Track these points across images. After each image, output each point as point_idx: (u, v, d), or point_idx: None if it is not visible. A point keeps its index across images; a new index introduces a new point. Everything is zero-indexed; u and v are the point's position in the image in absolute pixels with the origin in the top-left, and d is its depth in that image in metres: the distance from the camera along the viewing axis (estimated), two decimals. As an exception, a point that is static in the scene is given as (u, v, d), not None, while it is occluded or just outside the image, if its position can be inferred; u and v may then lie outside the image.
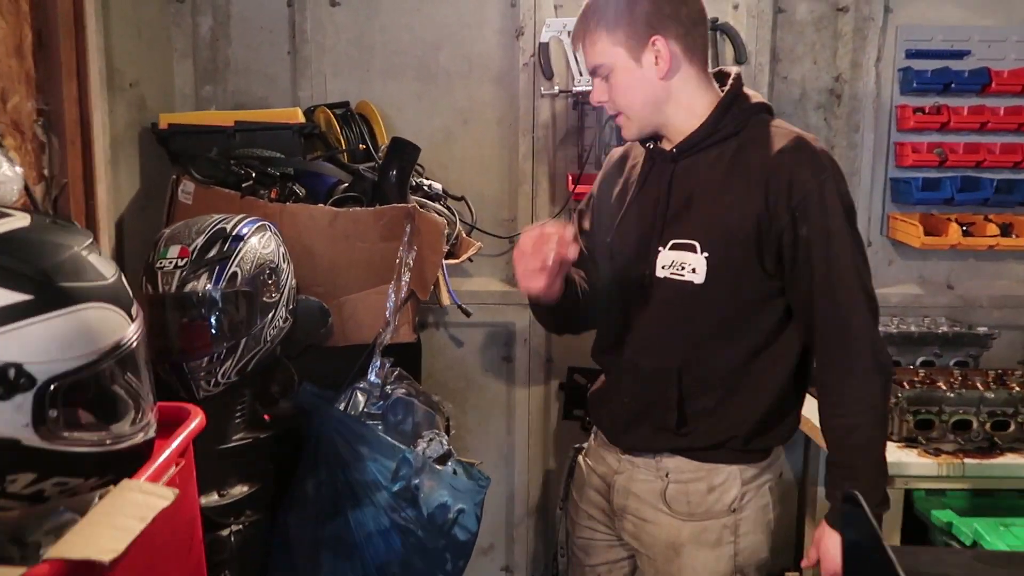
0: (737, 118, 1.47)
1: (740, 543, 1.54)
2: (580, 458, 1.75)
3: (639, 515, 1.59)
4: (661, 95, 1.47)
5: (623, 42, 1.44)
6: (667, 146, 1.51)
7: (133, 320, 0.93)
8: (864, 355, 1.42)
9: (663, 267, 1.48)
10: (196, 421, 1.16)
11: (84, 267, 0.89)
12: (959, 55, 2.50)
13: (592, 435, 1.74)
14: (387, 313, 1.93)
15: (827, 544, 1.48)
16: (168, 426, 1.12)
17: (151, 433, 0.99)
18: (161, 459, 1.01)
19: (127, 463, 0.97)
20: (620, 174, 1.63)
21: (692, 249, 1.45)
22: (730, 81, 1.50)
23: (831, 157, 1.45)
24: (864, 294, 1.42)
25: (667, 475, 1.55)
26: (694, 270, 1.44)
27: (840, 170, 1.45)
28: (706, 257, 1.43)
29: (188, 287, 1.57)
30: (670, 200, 1.49)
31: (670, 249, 1.47)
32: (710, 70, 1.52)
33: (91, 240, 0.91)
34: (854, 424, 1.43)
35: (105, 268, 0.92)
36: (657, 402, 1.52)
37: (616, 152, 1.70)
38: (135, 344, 0.94)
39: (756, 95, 1.52)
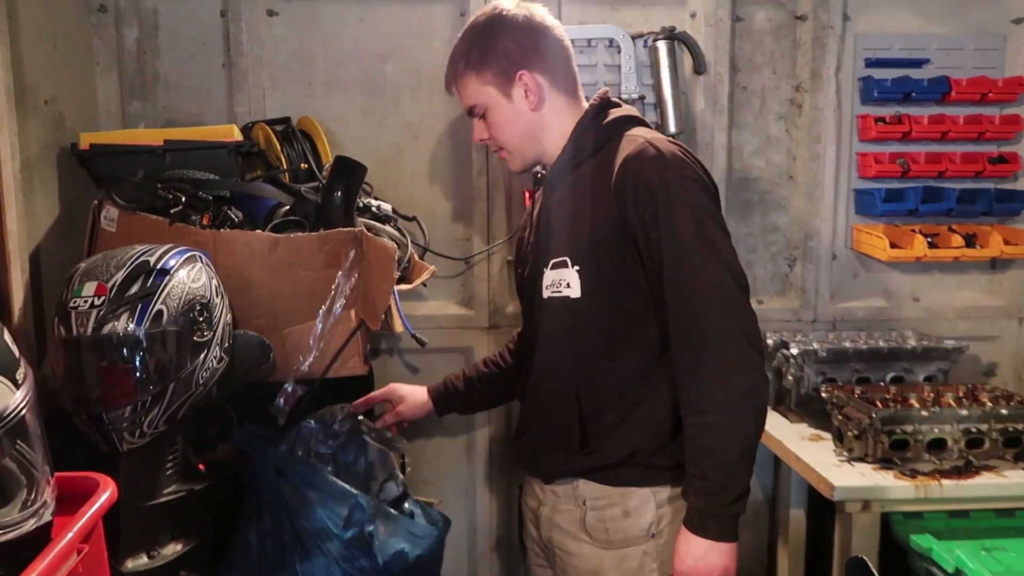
0: (597, 135, 1.52)
1: (664, 569, 1.50)
2: (521, 498, 1.77)
3: (563, 547, 1.60)
4: (536, 125, 1.55)
5: (491, 80, 1.53)
6: (549, 172, 1.60)
7: (19, 385, 0.78)
8: (717, 354, 1.38)
9: (547, 287, 1.54)
10: (106, 495, 1.00)
11: (-50, 329, 0.74)
12: (918, 63, 2.47)
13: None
14: (310, 339, 1.79)
15: (680, 545, 1.43)
16: (73, 501, 0.96)
17: (46, 516, 0.84)
18: (60, 546, 0.85)
19: (15, 555, 0.81)
20: (534, 210, 1.72)
21: (565, 265, 1.50)
22: (591, 101, 1.57)
23: (680, 157, 1.45)
24: (718, 292, 1.39)
25: (584, 502, 1.56)
26: (569, 284, 1.50)
27: (691, 169, 1.44)
28: (577, 270, 1.48)
29: (106, 328, 1.40)
30: (550, 223, 1.57)
31: (551, 269, 1.53)
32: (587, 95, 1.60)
33: (-38, 294, 0.76)
34: (705, 424, 1.39)
35: (-20, 327, 0.77)
36: (561, 424, 1.55)
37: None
38: (23, 413, 0.79)
39: (622, 109, 1.57)
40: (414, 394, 1.95)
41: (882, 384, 2.27)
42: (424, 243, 2.34)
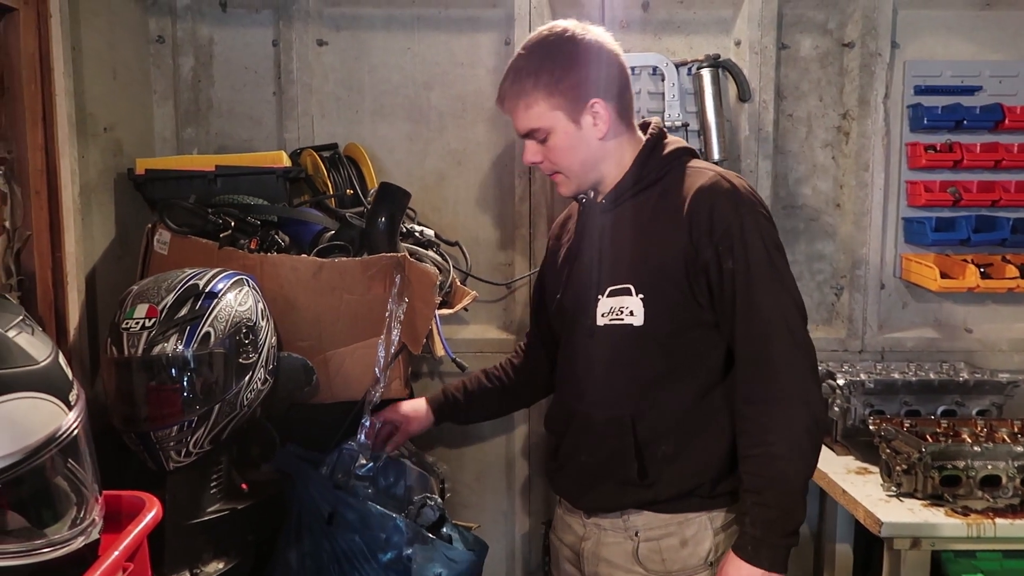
0: (658, 165, 1.52)
1: None
2: (551, 534, 1.73)
3: None
4: (599, 154, 1.53)
5: (562, 106, 1.49)
6: (598, 199, 1.57)
7: (72, 407, 0.81)
8: (784, 386, 1.39)
9: (603, 315, 1.50)
10: (151, 514, 1.02)
11: (8, 351, 0.77)
12: (970, 91, 2.42)
13: (557, 505, 1.72)
14: (376, 370, 1.81)
15: (728, 568, 1.42)
16: (120, 519, 0.98)
17: (94, 534, 0.87)
18: (106, 564, 0.88)
19: (64, 572, 0.83)
20: (564, 235, 1.71)
21: (627, 292, 1.48)
22: (649, 131, 1.56)
23: (751, 192, 1.49)
24: (786, 325, 1.42)
25: (636, 534, 1.52)
26: (632, 312, 1.47)
27: (762, 206, 1.48)
28: (641, 298, 1.46)
29: (156, 350, 1.44)
30: (604, 249, 1.54)
31: (608, 296, 1.50)
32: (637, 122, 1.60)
33: (20, 317, 0.79)
34: (769, 454, 1.39)
35: (37, 350, 0.80)
36: (615, 454, 1.51)
37: (561, 216, 1.78)
38: (75, 432, 0.82)
39: (675, 141, 1.57)
40: (416, 410, 1.89)
41: (932, 417, 2.20)
42: (466, 268, 2.35)
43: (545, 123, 1.50)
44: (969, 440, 2.01)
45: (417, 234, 2.12)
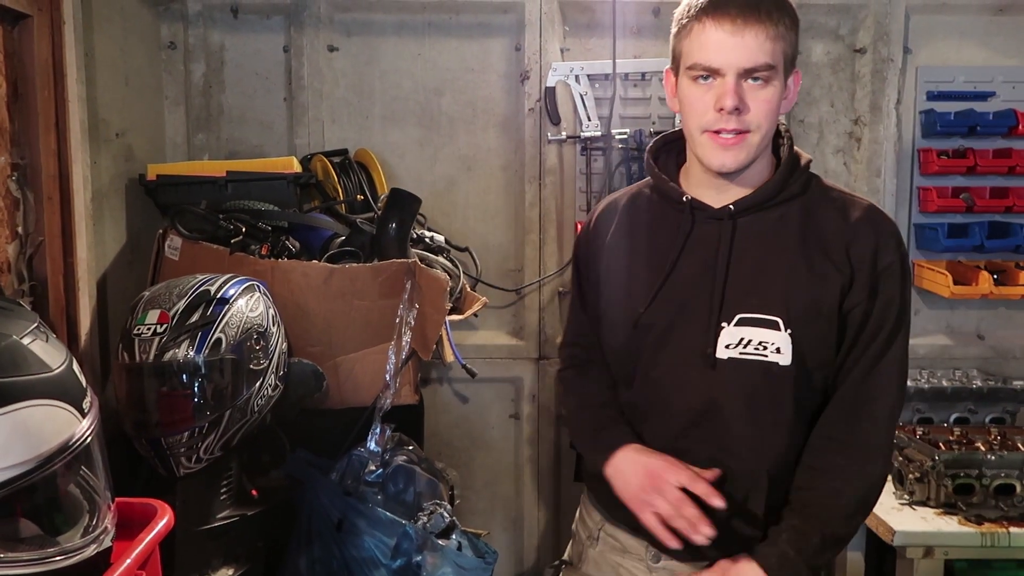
0: (802, 178, 1.30)
1: None
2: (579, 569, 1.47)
3: None
4: (773, 132, 1.28)
5: (790, 51, 1.23)
6: (713, 201, 1.30)
7: (85, 414, 0.81)
8: (874, 436, 1.28)
9: (727, 346, 1.26)
10: (163, 522, 1.02)
11: (23, 358, 0.77)
12: (983, 96, 2.40)
13: (586, 542, 1.47)
14: (387, 376, 1.81)
15: (742, 570, 1.24)
16: (132, 526, 0.98)
17: (107, 542, 0.86)
18: (118, 572, 0.88)
19: (77, 580, 0.83)
20: (631, 232, 1.40)
21: (773, 326, 1.25)
22: (785, 135, 1.34)
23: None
24: (899, 380, 1.29)
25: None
26: (779, 350, 1.24)
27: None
28: (790, 334, 1.24)
29: (167, 355, 1.44)
30: (732, 267, 1.27)
31: (736, 325, 1.26)
32: None
33: (35, 324, 0.79)
34: (838, 493, 1.26)
35: (51, 357, 0.80)
36: (741, 513, 1.28)
37: (604, 208, 1.47)
38: (88, 440, 0.81)
39: (803, 152, 1.36)
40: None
41: (945, 425, 2.19)
42: (476, 274, 2.35)
43: (777, 60, 1.20)
44: (983, 448, 1.99)
45: (427, 240, 2.12)
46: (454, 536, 1.87)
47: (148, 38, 2.26)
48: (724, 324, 1.26)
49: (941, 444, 2.01)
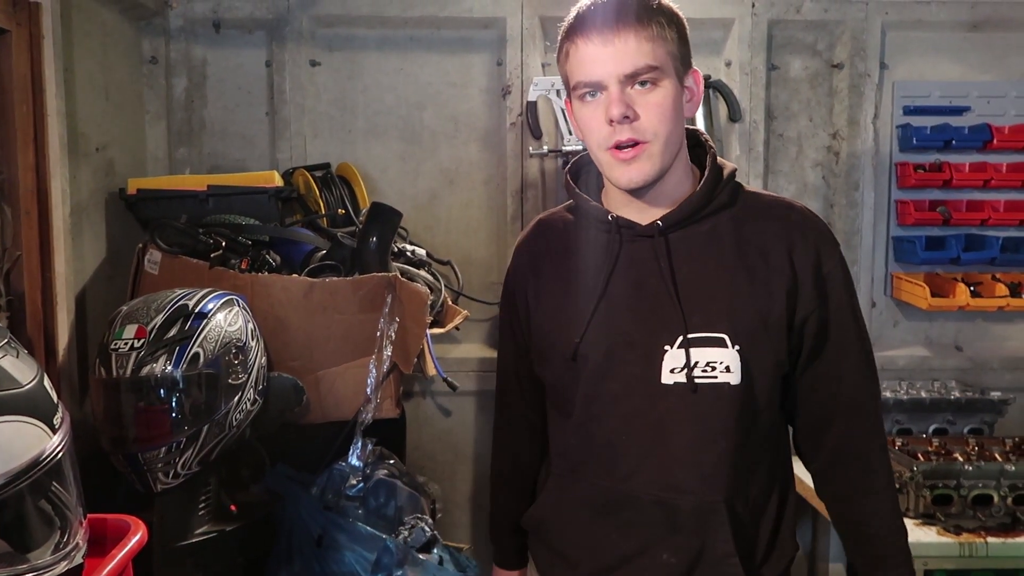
0: (729, 186, 1.24)
1: None
2: None
3: None
4: (679, 140, 1.21)
5: (677, 52, 1.16)
6: (639, 219, 1.22)
7: (56, 430, 0.80)
8: (880, 440, 1.28)
9: (672, 370, 1.18)
10: (136, 538, 1.02)
11: (-8, 375, 0.77)
12: (959, 111, 2.45)
13: None
14: (368, 390, 1.80)
15: None
16: (105, 543, 0.97)
17: (78, 559, 0.86)
18: (90, 589, 0.87)
19: (47, 597, 0.83)
20: (558, 261, 1.30)
21: (719, 343, 1.18)
22: (706, 142, 1.28)
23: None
24: (876, 378, 1.29)
25: None
26: (728, 368, 1.17)
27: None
28: (738, 350, 1.18)
29: (144, 370, 1.44)
30: (670, 286, 1.20)
31: (679, 347, 1.18)
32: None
33: (5, 340, 0.79)
34: (874, 490, 1.28)
35: (21, 373, 0.80)
36: (709, 547, 1.20)
37: (524, 238, 1.37)
38: (59, 455, 0.81)
39: (727, 162, 1.30)
40: None
41: (924, 436, 2.21)
42: (458, 287, 2.35)
43: (661, 62, 1.14)
44: (961, 459, 2.01)
45: (409, 253, 2.13)
46: (435, 550, 1.86)
47: (129, 53, 2.26)
48: (667, 347, 1.19)
49: (920, 455, 2.02)
